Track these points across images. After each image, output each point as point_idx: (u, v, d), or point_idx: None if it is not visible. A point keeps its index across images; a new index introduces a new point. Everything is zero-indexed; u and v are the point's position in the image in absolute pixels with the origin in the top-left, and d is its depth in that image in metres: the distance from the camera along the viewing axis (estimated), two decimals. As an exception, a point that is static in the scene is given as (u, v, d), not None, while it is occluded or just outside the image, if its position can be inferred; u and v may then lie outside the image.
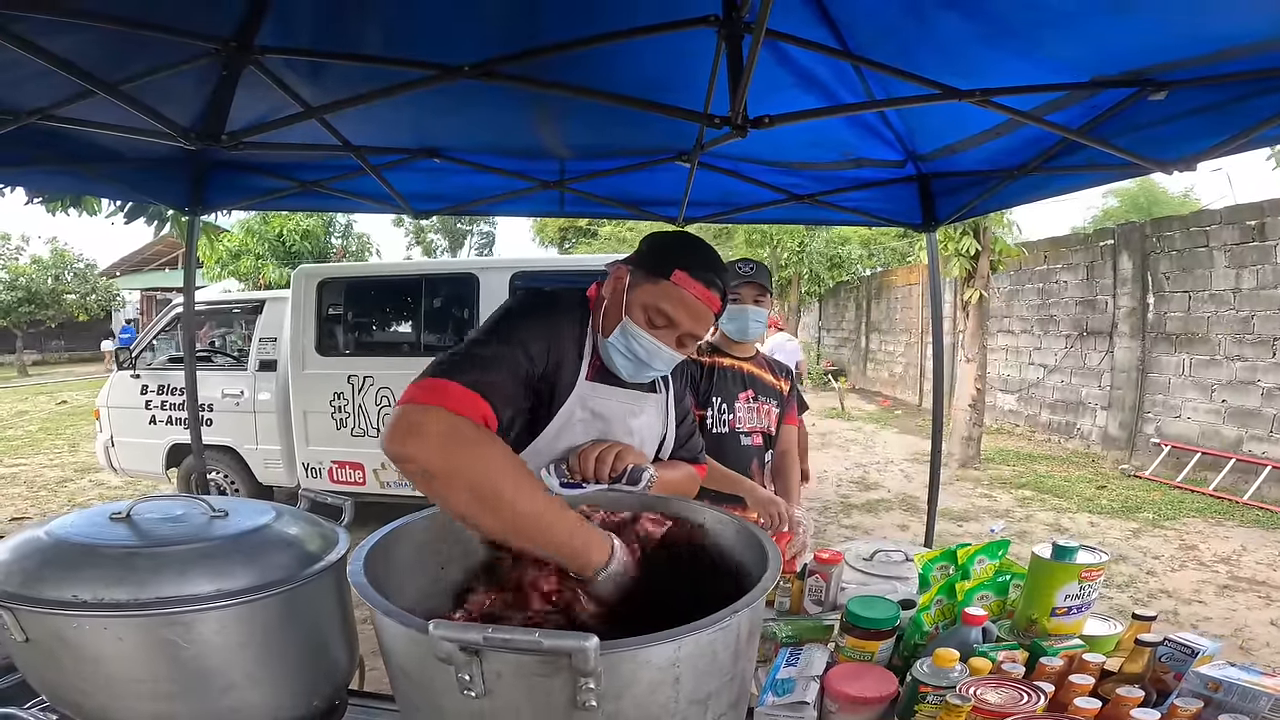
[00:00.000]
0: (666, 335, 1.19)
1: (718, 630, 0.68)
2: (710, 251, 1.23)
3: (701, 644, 0.68)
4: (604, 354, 1.24)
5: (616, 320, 1.20)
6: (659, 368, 1.24)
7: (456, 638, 0.60)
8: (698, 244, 1.24)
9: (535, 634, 0.59)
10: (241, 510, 1.03)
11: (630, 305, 1.19)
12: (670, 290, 1.17)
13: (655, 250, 1.23)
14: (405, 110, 2.20)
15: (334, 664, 1.05)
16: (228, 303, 6.32)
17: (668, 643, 0.65)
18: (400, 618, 0.67)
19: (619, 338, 1.20)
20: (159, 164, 2.70)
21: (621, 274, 1.22)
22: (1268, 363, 6.04)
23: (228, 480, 5.30)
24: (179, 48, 1.55)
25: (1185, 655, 1.08)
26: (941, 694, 1.02)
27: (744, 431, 2.27)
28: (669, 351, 1.20)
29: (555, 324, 1.20)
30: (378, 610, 0.69)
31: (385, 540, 0.90)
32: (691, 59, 1.64)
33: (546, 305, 1.23)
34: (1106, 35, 1.49)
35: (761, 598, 0.74)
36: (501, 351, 1.09)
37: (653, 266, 1.19)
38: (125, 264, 24.51)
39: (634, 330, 1.18)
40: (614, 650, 0.63)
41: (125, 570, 0.86)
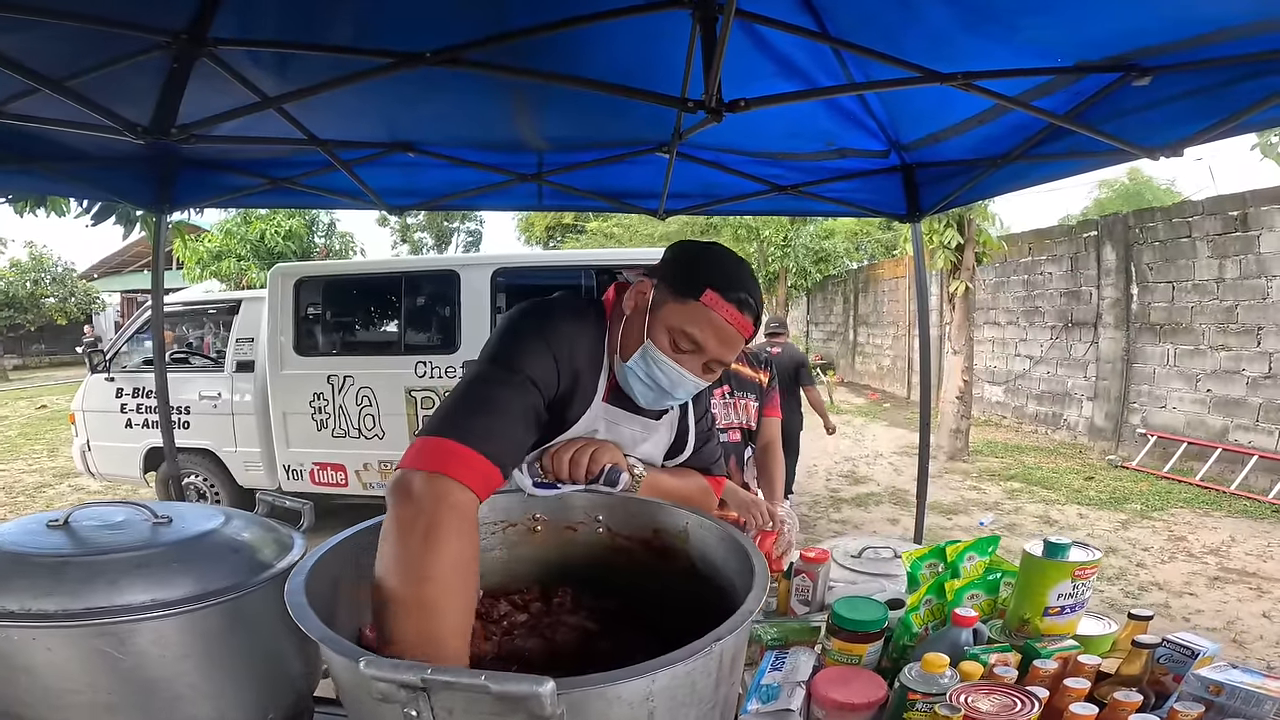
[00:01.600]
0: (691, 361, 1.07)
1: (697, 660, 0.62)
2: (744, 269, 1.10)
3: (679, 676, 0.61)
4: (620, 378, 1.12)
5: (637, 342, 1.08)
6: (680, 397, 1.12)
7: (391, 678, 0.54)
8: (731, 259, 1.11)
9: (481, 677, 0.53)
10: (188, 516, 0.97)
11: (653, 326, 1.06)
12: (699, 312, 1.03)
13: (684, 265, 1.09)
14: (375, 103, 2.13)
15: (292, 672, 0.99)
16: (203, 303, 6.20)
17: (639, 678, 0.59)
18: (337, 645, 0.61)
19: (639, 363, 1.08)
20: (124, 162, 2.61)
21: (645, 289, 1.09)
22: (1252, 352, 6.07)
23: (207, 484, 5.20)
24: (129, 41, 1.49)
25: (1184, 657, 1.04)
26: (931, 701, 0.97)
27: (719, 429, 2.18)
28: (692, 380, 1.08)
29: (567, 343, 1.07)
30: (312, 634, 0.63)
31: (333, 552, 0.84)
32: (666, 45, 1.59)
33: (553, 321, 1.08)
34: (1089, 20, 1.46)
35: (747, 622, 0.68)
36: (508, 394, 0.97)
37: (681, 284, 1.06)
38: (104, 266, 24.14)
39: (656, 355, 1.06)
40: (578, 689, 0.56)
41: (55, 580, 0.82)
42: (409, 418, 4.64)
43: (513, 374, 0.99)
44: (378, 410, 4.67)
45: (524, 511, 1.08)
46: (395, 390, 4.64)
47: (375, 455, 4.72)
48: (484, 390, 0.97)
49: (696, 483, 1.30)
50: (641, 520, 1.05)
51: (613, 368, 1.13)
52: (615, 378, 1.13)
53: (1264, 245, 5.95)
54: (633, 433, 1.19)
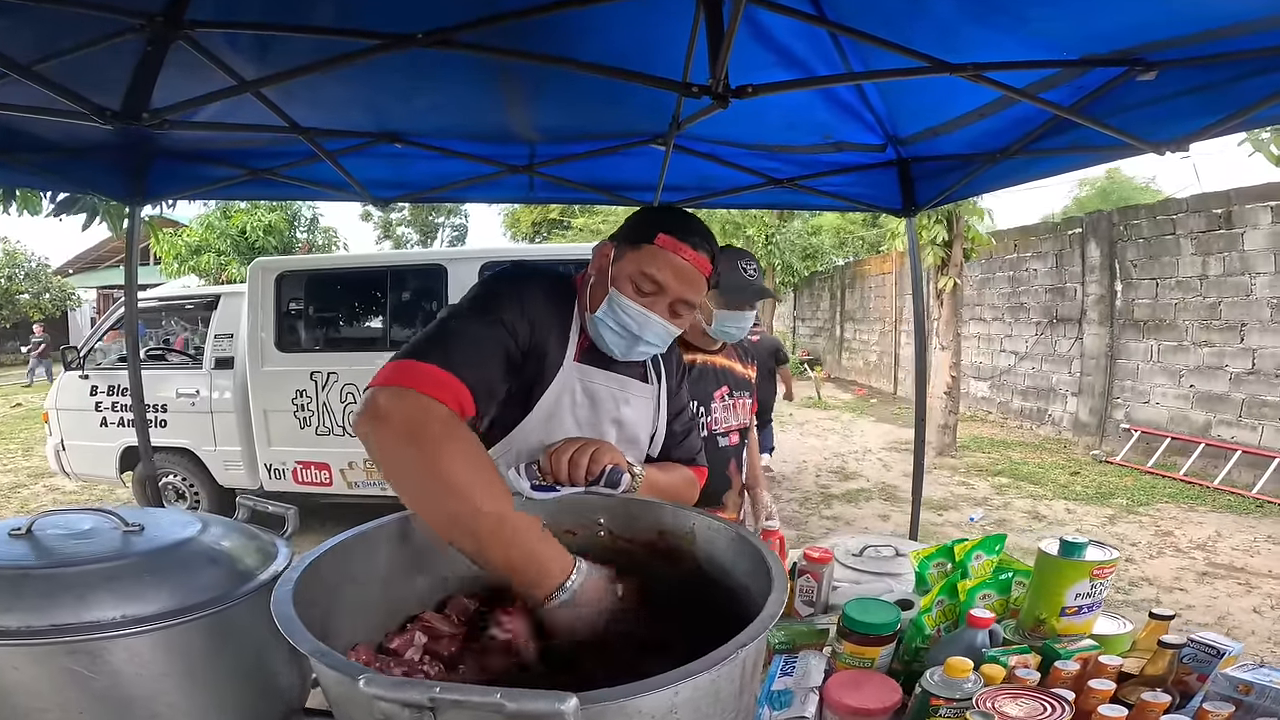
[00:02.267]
0: (657, 303, 1.12)
1: (723, 668, 0.57)
2: (692, 217, 1.17)
3: (703, 686, 0.57)
4: (593, 333, 1.17)
5: (603, 295, 1.14)
6: (651, 340, 1.15)
7: (395, 697, 0.49)
8: (677, 210, 1.20)
9: (497, 694, 0.48)
10: (162, 524, 0.91)
11: (616, 276, 1.13)
12: (655, 253, 1.11)
13: (637, 220, 1.19)
14: (361, 91, 2.06)
15: (280, 686, 0.93)
16: (180, 299, 6.05)
17: (664, 690, 0.54)
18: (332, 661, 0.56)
19: (607, 310, 1.13)
20: (95, 152, 2.51)
21: (606, 249, 1.17)
22: (1235, 348, 6.15)
23: (186, 484, 5.08)
24: (101, 23, 1.41)
25: (1209, 656, 1.02)
26: (955, 707, 0.94)
27: (720, 432, 2.09)
28: (660, 321, 1.13)
29: (537, 296, 1.14)
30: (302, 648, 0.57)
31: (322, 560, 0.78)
32: (666, 30, 1.54)
33: (527, 276, 1.16)
34: (1098, 13, 1.44)
35: (770, 626, 0.63)
36: (479, 329, 1.03)
37: (636, 234, 1.14)
38: (80, 262, 23.65)
39: (621, 301, 1.11)
40: (599, 703, 0.52)
41: (14, 594, 0.75)
42: (395, 415, 4.54)
43: (484, 313, 1.04)
44: (362, 408, 4.57)
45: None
46: (381, 387, 4.54)
47: (360, 454, 4.61)
48: (454, 324, 1.01)
49: (682, 475, 1.33)
50: (645, 522, 1.00)
51: (584, 325, 1.19)
52: (588, 336, 1.19)
53: (1247, 243, 6.02)
54: (610, 390, 1.21)
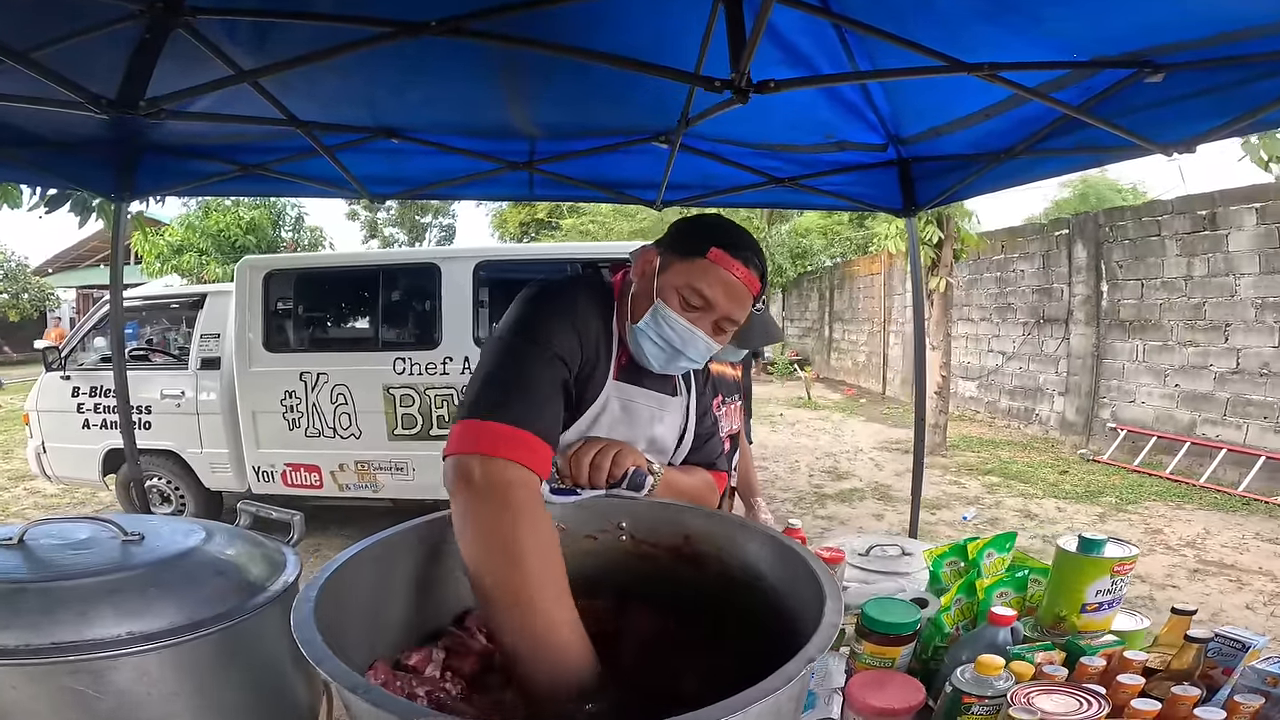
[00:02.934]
0: (702, 319, 1.08)
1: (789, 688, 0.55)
2: (745, 233, 1.12)
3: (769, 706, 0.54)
4: (632, 343, 1.12)
5: (647, 305, 1.09)
6: (693, 356, 1.11)
7: None
8: (730, 224, 1.14)
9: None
10: (162, 532, 0.87)
11: (662, 288, 1.08)
12: (707, 268, 1.05)
13: (688, 230, 1.13)
14: (360, 85, 2.02)
15: (293, 700, 0.89)
16: (165, 298, 5.93)
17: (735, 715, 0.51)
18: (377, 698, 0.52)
19: (650, 322, 1.08)
20: (82, 146, 2.44)
21: (651, 256, 1.11)
22: (1219, 348, 6.23)
23: (172, 486, 4.98)
24: (99, 10, 1.36)
25: (1235, 650, 1.02)
26: (988, 704, 0.92)
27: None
28: (704, 338, 1.08)
29: (588, 319, 1.08)
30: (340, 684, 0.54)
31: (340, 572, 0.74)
32: (679, 24, 1.52)
33: (570, 296, 1.09)
34: (1109, 14, 1.44)
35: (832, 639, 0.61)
36: (540, 370, 0.97)
37: (686, 245, 1.08)
38: (59, 261, 23.20)
39: (666, 313, 1.07)
40: None
41: (10, 610, 0.71)
42: (387, 416, 4.49)
43: (541, 349, 0.99)
44: (354, 409, 4.50)
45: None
46: (372, 388, 4.48)
47: (352, 455, 4.55)
48: (516, 366, 0.96)
49: (703, 479, 1.30)
50: (670, 527, 0.98)
51: (624, 337, 1.14)
52: (628, 352, 1.14)
53: (1232, 244, 6.10)
54: (649, 410, 1.18)
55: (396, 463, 4.52)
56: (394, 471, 4.54)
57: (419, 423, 4.46)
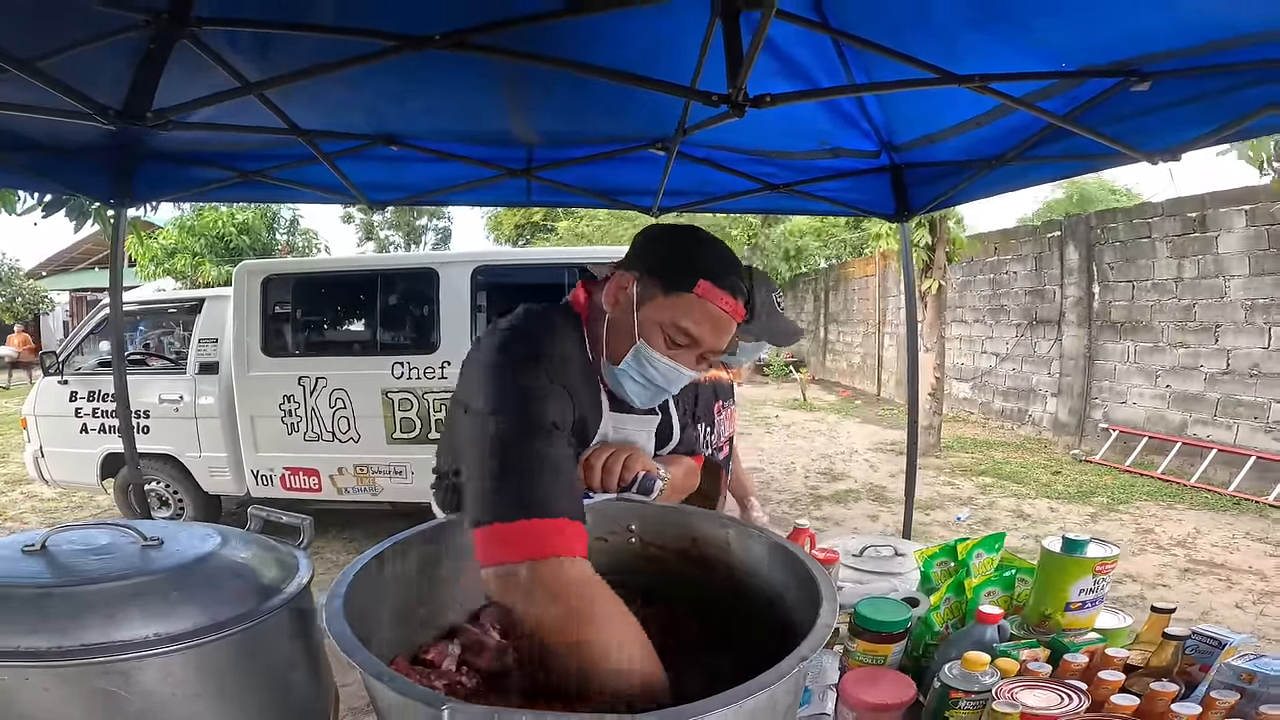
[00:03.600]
0: (685, 355, 1.03)
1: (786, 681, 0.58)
2: (727, 251, 1.06)
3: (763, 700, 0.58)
4: (611, 381, 1.07)
5: (628, 343, 1.02)
6: (673, 391, 1.09)
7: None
8: (713, 243, 1.06)
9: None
10: (180, 537, 0.89)
11: (644, 324, 1.01)
12: (694, 305, 0.99)
13: (668, 255, 1.04)
14: (361, 93, 2.04)
15: (305, 703, 0.92)
16: (163, 302, 5.94)
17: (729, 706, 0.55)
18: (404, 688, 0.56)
19: (632, 364, 1.02)
20: (81, 153, 2.47)
21: (626, 284, 1.03)
22: (1210, 349, 6.31)
23: (170, 490, 4.99)
24: (104, 19, 1.39)
25: (1212, 647, 1.06)
26: (974, 699, 0.96)
27: (717, 447, 2.05)
28: (688, 374, 1.05)
29: (560, 368, 1.00)
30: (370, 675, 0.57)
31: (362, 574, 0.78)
32: (676, 38, 1.55)
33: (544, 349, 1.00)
34: (1097, 24, 1.47)
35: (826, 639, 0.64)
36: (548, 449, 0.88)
37: (669, 276, 1.01)
38: (52, 264, 23.07)
39: (650, 355, 1.01)
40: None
41: (40, 613, 0.73)
42: (385, 419, 4.51)
43: (539, 424, 0.90)
44: (352, 413, 4.53)
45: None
46: (371, 392, 4.50)
47: (350, 459, 4.57)
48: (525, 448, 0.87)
49: (686, 465, 1.29)
50: (678, 530, 1.01)
51: (600, 372, 1.08)
52: (605, 381, 1.09)
53: (1222, 246, 6.18)
54: (638, 431, 1.17)
55: (395, 466, 4.54)
56: (393, 475, 4.56)
57: (418, 426, 4.49)
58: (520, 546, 0.79)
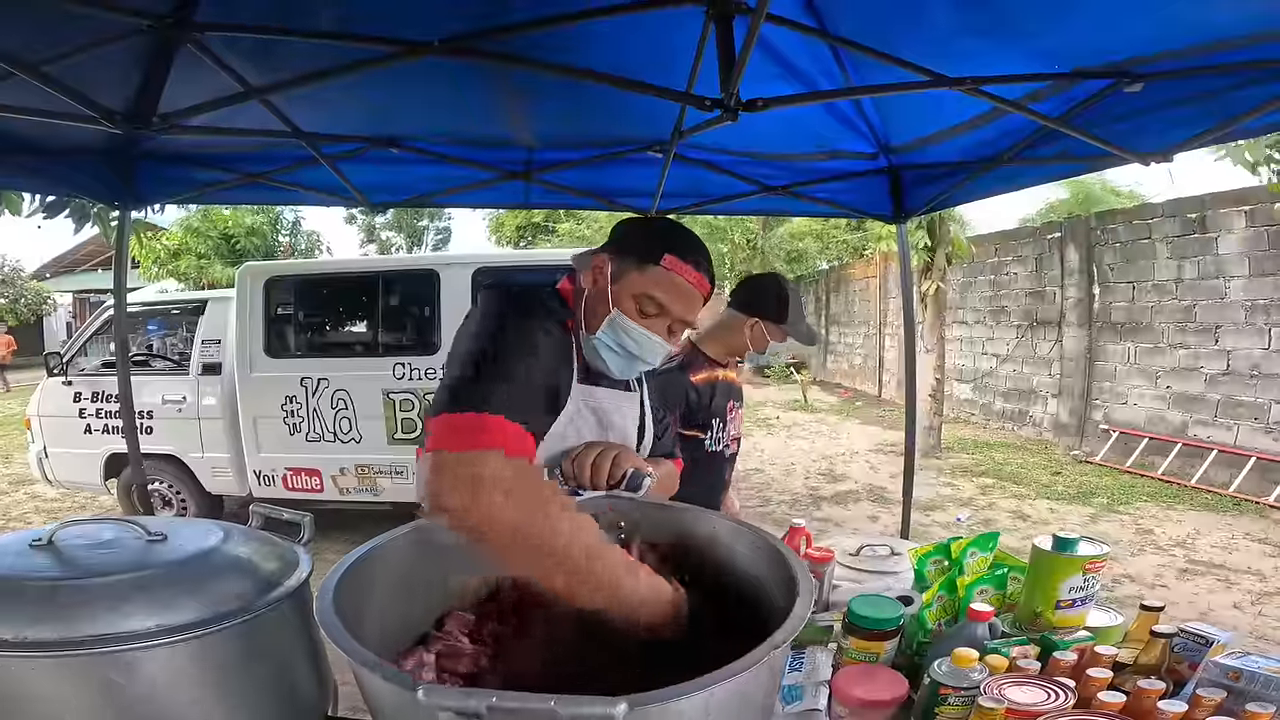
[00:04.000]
0: (657, 324, 1.13)
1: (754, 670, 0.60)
2: (692, 234, 1.17)
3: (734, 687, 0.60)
4: (589, 352, 1.16)
5: (604, 313, 1.12)
6: (649, 360, 1.16)
7: (453, 705, 0.52)
8: (680, 227, 1.18)
9: (550, 701, 0.51)
10: (183, 533, 0.91)
11: (618, 296, 1.11)
12: (662, 276, 1.10)
13: (639, 236, 1.17)
14: (362, 95, 2.07)
15: (305, 695, 0.94)
16: (166, 304, 5.98)
17: (700, 693, 0.57)
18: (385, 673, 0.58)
19: (608, 332, 1.12)
20: (84, 155, 2.49)
21: (602, 264, 1.14)
22: (1210, 350, 6.31)
23: (173, 490, 5.02)
24: (109, 25, 1.41)
25: (1199, 645, 1.07)
26: (963, 695, 0.98)
27: (726, 444, 2.13)
28: (660, 342, 1.14)
29: (545, 321, 1.10)
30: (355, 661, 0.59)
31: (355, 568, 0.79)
32: (671, 43, 1.57)
33: (531, 301, 1.13)
34: (1088, 26, 1.49)
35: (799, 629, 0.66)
36: (520, 366, 0.97)
37: (640, 252, 1.12)
38: (55, 265, 23.15)
39: (624, 322, 1.11)
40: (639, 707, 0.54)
41: (47, 605, 0.75)
42: (386, 420, 4.53)
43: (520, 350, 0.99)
44: (354, 413, 4.55)
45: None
46: (372, 393, 4.53)
47: (352, 460, 4.60)
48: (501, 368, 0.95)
49: (667, 469, 1.36)
50: (667, 526, 1.03)
51: (579, 346, 1.17)
52: (584, 357, 1.17)
53: (1222, 247, 6.18)
54: (613, 406, 1.23)
55: (396, 466, 4.57)
56: (394, 475, 4.58)
57: (418, 427, 4.51)
58: (472, 434, 0.83)
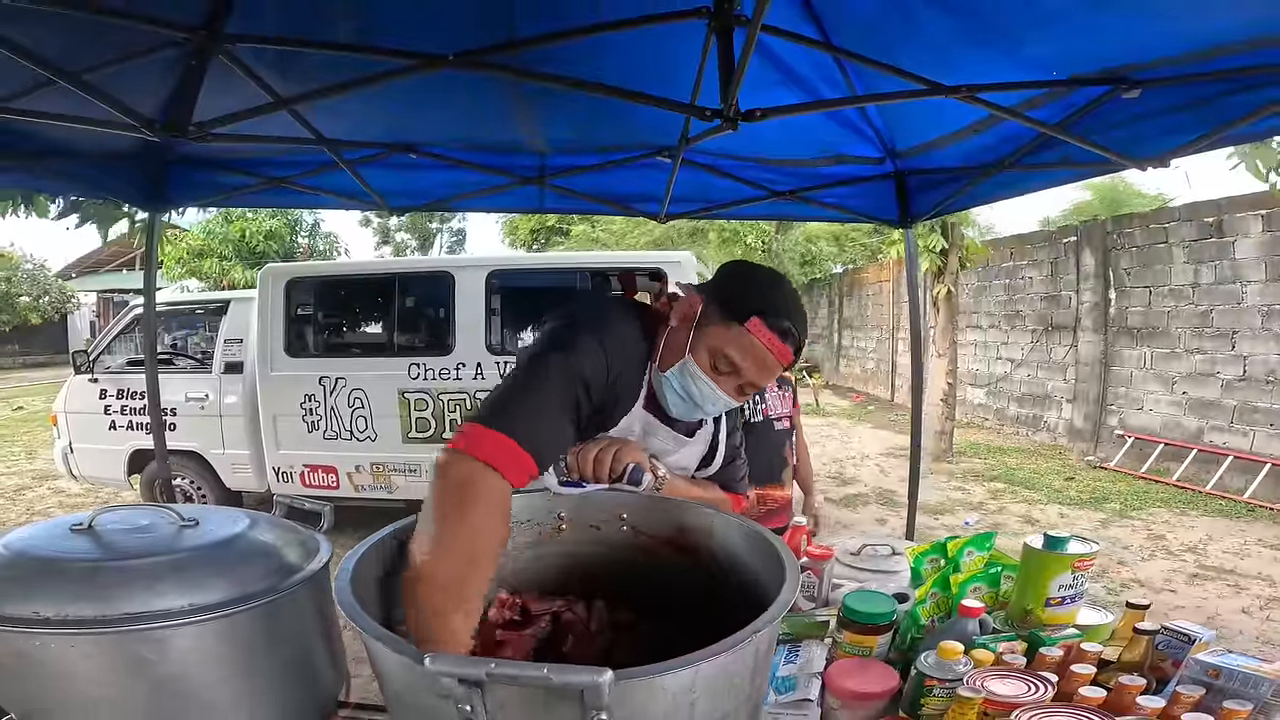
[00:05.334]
0: (727, 382, 1.10)
1: (736, 652, 0.65)
2: (791, 297, 1.12)
3: (718, 666, 0.64)
4: (656, 385, 1.15)
5: (679, 355, 1.11)
6: (709, 412, 1.16)
7: (456, 672, 0.56)
8: (780, 288, 1.13)
9: (544, 669, 0.55)
10: (213, 519, 0.98)
11: (696, 343, 1.09)
12: (742, 337, 1.06)
13: (735, 287, 1.13)
14: (382, 104, 2.14)
15: (321, 677, 1.00)
16: (190, 303, 6.12)
17: (685, 669, 0.62)
18: (394, 644, 0.63)
19: (676, 375, 1.11)
20: (117, 160, 2.59)
21: (695, 303, 1.12)
22: (1226, 355, 6.24)
23: (194, 486, 5.14)
24: (145, 36, 1.49)
25: (1182, 643, 1.09)
26: (947, 687, 1.01)
27: (775, 418, 2.46)
28: (724, 399, 1.11)
29: (615, 338, 1.10)
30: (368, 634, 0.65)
31: (370, 551, 0.85)
32: (677, 54, 1.62)
33: (604, 317, 1.13)
34: (1085, 33, 1.51)
35: (784, 613, 0.71)
36: (555, 388, 0.99)
37: (729, 306, 1.09)
38: (80, 265, 23.62)
39: (694, 370, 1.09)
40: (627, 679, 0.59)
41: (88, 585, 0.81)
42: (401, 419, 4.62)
43: (566, 367, 1.01)
44: (370, 412, 4.64)
45: (550, 510, 1.10)
46: (388, 392, 4.62)
47: (367, 457, 4.69)
48: (535, 381, 0.99)
49: (716, 495, 1.31)
50: (666, 519, 1.08)
51: (650, 375, 1.16)
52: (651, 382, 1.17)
53: (1238, 251, 6.12)
54: (663, 444, 1.22)
55: (410, 465, 4.65)
56: (408, 473, 4.67)
57: (432, 426, 4.59)
58: (474, 444, 0.89)
